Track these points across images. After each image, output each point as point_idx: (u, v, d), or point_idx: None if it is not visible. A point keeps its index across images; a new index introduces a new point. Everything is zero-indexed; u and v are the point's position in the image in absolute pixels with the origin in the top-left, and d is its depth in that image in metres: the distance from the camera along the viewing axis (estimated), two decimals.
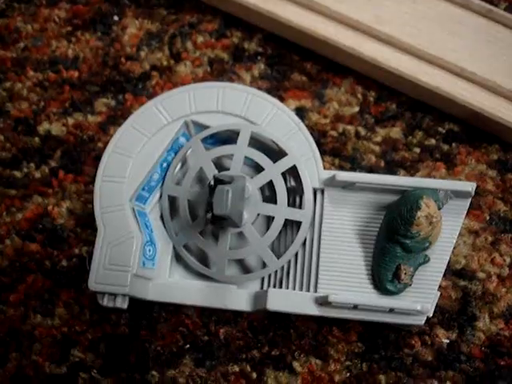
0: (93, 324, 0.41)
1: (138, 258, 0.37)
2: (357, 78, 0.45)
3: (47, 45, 0.48)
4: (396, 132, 0.44)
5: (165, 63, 0.46)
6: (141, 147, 0.39)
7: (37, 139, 0.45)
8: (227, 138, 0.40)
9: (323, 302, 0.36)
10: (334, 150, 0.43)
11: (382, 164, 0.43)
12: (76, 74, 0.47)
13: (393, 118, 0.44)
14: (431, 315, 0.36)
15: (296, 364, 0.40)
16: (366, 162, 0.43)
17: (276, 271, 0.39)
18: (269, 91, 0.39)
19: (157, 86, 0.46)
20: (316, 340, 0.40)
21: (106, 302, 0.37)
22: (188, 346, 0.41)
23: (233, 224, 0.37)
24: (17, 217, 0.44)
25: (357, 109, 0.44)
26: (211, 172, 0.38)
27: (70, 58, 0.47)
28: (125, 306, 0.37)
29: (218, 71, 0.46)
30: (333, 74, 0.45)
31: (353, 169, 0.43)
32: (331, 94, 0.45)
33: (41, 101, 0.46)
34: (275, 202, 0.38)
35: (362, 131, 0.44)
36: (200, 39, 0.47)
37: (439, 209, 0.35)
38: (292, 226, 0.39)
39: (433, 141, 0.43)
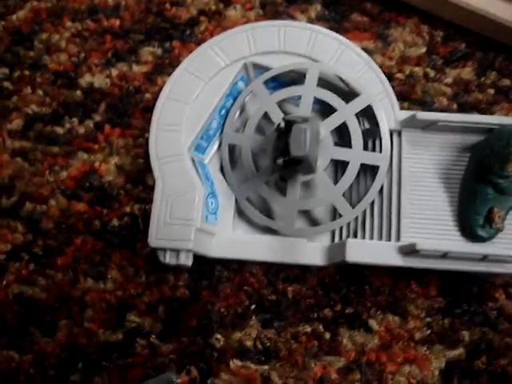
0: (149, 286, 0.38)
1: (200, 212, 0.34)
2: (422, 17, 0.42)
3: None
4: (467, 73, 0.40)
5: (213, 7, 0.43)
6: (197, 92, 0.36)
7: (79, 92, 0.42)
8: (289, 80, 0.37)
9: (409, 250, 0.33)
10: (403, 94, 0.40)
11: (455, 106, 0.40)
12: (118, 22, 0.43)
13: (463, 58, 0.41)
14: None
15: (372, 322, 0.37)
16: (437, 104, 0.40)
17: (349, 222, 0.36)
18: None
19: (206, 31, 0.43)
20: (393, 296, 0.37)
21: (168, 259, 0.34)
22: (254, 306, 0.38)
23: (308, 169, 0.34)
24: (61, 175, 0.41)
25: (424, 49, 0.41)
26: (278, 116, 0.35)
27: (110, 6, 0.44)
28: (189, 262, 0.34)
29: (271, 14, 0.43)
30: (396, 13, 0.42)
31: None
32: (395, 34, 0.42)
33: (81, 52, 0.43)
34: (346, 147, 0.35)
35: (431, 73, 0.41)
36: None
37: None
38: (366, 172, 0.36)
39: (507, 81, 0.40)
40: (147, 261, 0.39)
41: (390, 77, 0.40)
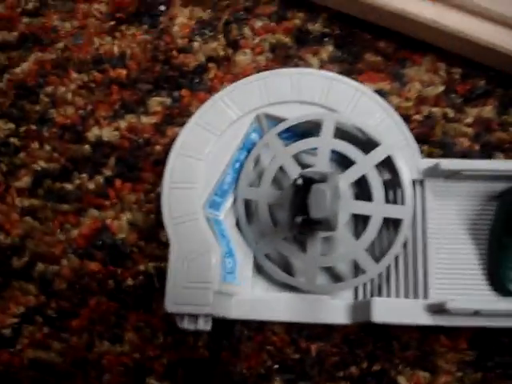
0: (168, 348, 0.37)
1: (218, 273, 0.33)
2: (438, 54, 0.40)
3: (89, 43, 0.43)
4: (488, 111, 0.39)
5: (222, 53, 0.42)
6: (210, 147, 0.35)
7: (87, 147, 0.41)
8: (304, 130, 0.36)
9: (439, 309, 0.31)
10: (421, 136, 0.38)
11: (477, 148, 0.38)
12: (124, 72, 0.42)
13: (483, 95, 0.39)
14: None
15: (401, 379, 0.35)
16: (458, 146, 0.38)
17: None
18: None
19: (215, 78, 0.41)
20: (421, 350, 0.36)
21: (186, 324, 0.32)
22: (277, 366, 0.36)
23: (328, 227, 0.32)
24: (72, 234, 0.40)
25: (442, 88, 0.40)
26: (294, 170, 0.34)
27: (115, 56, 0.43)
28: (208, 327, 0.32)
29: (282, 57, 0.41)
30: (411, 51, 0.40)
31: (445, 155, 0.38)
32: (411, 73, 0.40)
33: (88, 104, 0.42)
34: (366, 200, 0.34)
35: (451, 113, 0.39)
36: (258, 24, 0.42)
37: None
38: (388, 224, 0.34)
39: None
40: (164, 321, 0.37)
41: (407, 119, 0.39)
